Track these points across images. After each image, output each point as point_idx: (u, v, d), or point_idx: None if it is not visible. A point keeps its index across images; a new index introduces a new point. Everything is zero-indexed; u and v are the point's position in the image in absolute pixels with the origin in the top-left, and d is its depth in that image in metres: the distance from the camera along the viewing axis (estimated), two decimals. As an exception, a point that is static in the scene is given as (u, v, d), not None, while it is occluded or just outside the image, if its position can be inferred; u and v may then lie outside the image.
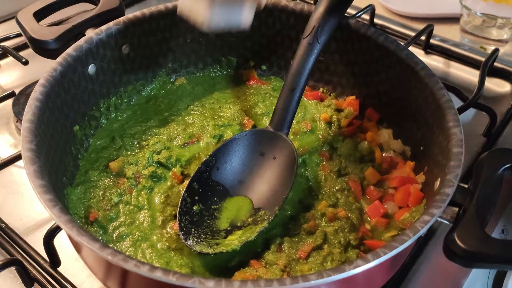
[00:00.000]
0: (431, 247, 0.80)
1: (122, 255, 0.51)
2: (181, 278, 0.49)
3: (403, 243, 0.52)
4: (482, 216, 0.53)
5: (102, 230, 0.72)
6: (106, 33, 0.80)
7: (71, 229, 0.53)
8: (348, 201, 0.75)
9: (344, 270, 0.50)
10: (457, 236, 0.52)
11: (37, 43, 0.79)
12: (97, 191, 0.76)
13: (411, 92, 0.78)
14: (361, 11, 1.21)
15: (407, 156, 0.81)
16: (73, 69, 0.76)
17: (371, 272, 0.54)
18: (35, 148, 0.61)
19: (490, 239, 0.52)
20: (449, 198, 0.57)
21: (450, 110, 0.68)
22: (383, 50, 0.82)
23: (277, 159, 0.78)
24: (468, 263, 0.52)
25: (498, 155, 0.60)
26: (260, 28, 0.94)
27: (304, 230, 0.71)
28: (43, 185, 0.57)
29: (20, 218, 0.84)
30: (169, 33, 0.90)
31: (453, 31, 1.29)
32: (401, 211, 0.73)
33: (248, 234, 0.69)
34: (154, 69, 0.92)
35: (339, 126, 0.87)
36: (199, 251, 0.67)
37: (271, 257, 0.68)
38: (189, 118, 0.89)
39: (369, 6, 1.23)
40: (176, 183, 0.78)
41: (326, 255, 0.67)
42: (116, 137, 0.84)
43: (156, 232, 0.72)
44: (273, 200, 0.74)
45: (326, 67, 0.93)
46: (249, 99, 0.93)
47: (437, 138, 0.70)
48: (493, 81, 1.13)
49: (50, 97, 0.69)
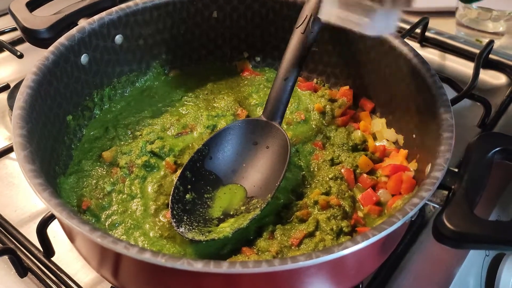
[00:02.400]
0: (424, 236, 0.80)
1: (111, 237, 0.51)
2: (170, 259, 0.49)
3: (392, 225, 0.52)
4: (471, 198, 0.53)
5: (94, 218, 0.72)
6: (98, 23, 0.80)
7: (61, 212, 0.53)
8: (341, 189, 0.75)
9: (333, 251, 0.50)
10: (445, 218, 0.52)
11: (29, 32, 0.79)
12: (90, 180, 0.76)
13: (404, 80, 0.78)
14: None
15: (400, 144, 0.81)
16: (65, 58, 0.76)
17: (361, 254, 0.54)
18: (26, 134, 0.61)
19: (479, 220, 0.52)
20: (438, 181, 0.56)
21: (441, 97, 0.68)
22: (376, 39, 0.82)
23: (270, 148, 0.78)
24: (457, 244, 0.52)
25: (489, 139, 0.60)
26: (254, 19, 0.94)
27: (296, 218, 0.71)
28: (33, 169, 0.57)
29: (15, 210, 0.84)
30: (162, 24, 0.90)
31: (449, 24, 1.29)
32: (393, 199, 0.73)
33: (240, 222, 0.69)
34: (148, 60, 0.92)
35: (332, 116, 0.87)
36: (191, 238, 0.67)
37: (263, 244, 0.68)
38: (183, 109, 0.89)
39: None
40: (169, 173, 0.78)
41: (318, 241, 0.67)
42: (109, 127, 0.84)
43: (148, 221, 0.72)
44: (266, 189, 0.74)
45: (320, 57, 0.93)
46: (243, 90, 0.94)
47: (429, 125, 0.70)
48: (488, 73, 1.13)
49: (42, 85, 0.69)
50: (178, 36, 0.93)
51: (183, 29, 0.93)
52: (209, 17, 0.93)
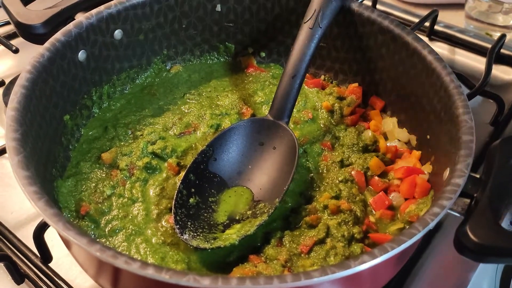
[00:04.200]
0: (438, 240, 0.77)
1: (111, 251, 0.48)
2: (174, 275, 0.46)
3: (412, 237, 0.49)
4: (496, 208, 0.50)
5: (93, 224, 0.69)
6: (97, 18, 0.77)
7: (57, 223, 0.49)
8: (352, 192, 0.72)
9: (350, 267, 0.47)
10: (469, 229, 0.49)
11: (23, 27, 0.75)
12: (88, 184, 0.73)
13: (418, 78, 0.75)
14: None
15: (413, 145, 0.78)
16: (62, 55, 0.72)
17: (377, 268, 0.51)
18: (20, 138, 0.58)
19: (505, 232, 0.49)
20: (460, 188, 0.53)
21: (459, 96, 0.65)
22: (388, 34, 0.78)
23: (277, 149, 0.75)
24: (481, 258, 0.48)
25: (511, 143, 0.57)
26: (259, 13, 0.90)
27: (305, 223, 0.69)
28: (28, 176, 0.54)
29: (11, 212, 0.82)
30: (163, 18, 0.86)
31: (457, 17, 1.26)
32: (406, 203, 0.71)
33: (247, 228, 0.66)
34: (149, 56, 0.89)
35: (341, 115, 0.84)
36: (196, 246, 0.64)
37: (271, 252, 0.65)
38: (185, 107, 0.86)
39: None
40: (172, 175, 0.75)
41: (329, 249, 0.64)
42: (109, 127, 0.81)
43: (150, 226, 0.69)
44: (273, 192, 0.71)
45: (328, 53, 0.89)
46: (248, 87, 0.90)
47: (445, 126, 0.67)
48: (499, 68, 1.10)
49: (37, 84, 0.66)
50: (180, 30, 0.90)
51: (185, 23, 0.89)
52: (212, 11, 0.90)
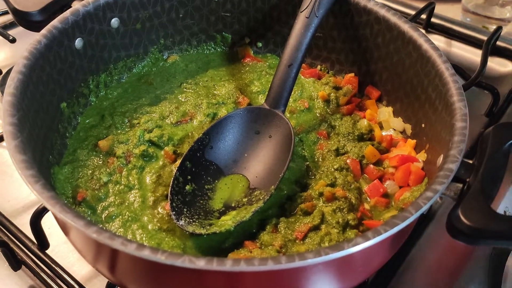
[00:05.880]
0: (432, 228, 0.78)
1: (108, 233, 0.48)
2: (170, 256, 0.46)
3: (405, 220, 0.49)
4: (488, 192, 0.51)
5: (90, 210, 0.69)
6: (93, 5, 0.77)
7: (54, 206, 0.50)
8: (347, 180, 0.72)
9: (343, 248, 0.47)
10: (461, 213, 0.49)
11: (21, 14, 0.75)
12: (85, 171, 0.73)
13: (413, 67, 0.75)
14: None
15: (408, 134, 0.79)
16: (58, 42, 0.72)
17: (371, 251, 0.51)
18: (17, 123, 0.58)
19: (496, 215, 0.49)
20: (453, 173, 0.54)
21: (454, 84, 0.65)
22: (385, 23, 0.79)
23: (273, 137, 0.76)
24: (474, 240, 0.49)
25: (504, 129, 0.58)
26: (256, 2, 0.90)
27: (301, 210, 0.69)
28: (24, 160, 0.54)
29: (8, 200, 0.82)
30: (160, 7, 0.86)
31: (454, 10, 1.26)
32: (401, 191, 0.71)
33: (242, 214, 0.67)
34: (146, 45, 0.89)
35: (337, 104, 0.84)
36: (192, 231, 0.65)
37: (267, 238, 0.65)
38: (182, 96, 0.86)
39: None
40: (168, 163, 0.75)
41: (324, 235, 0.65)
42: (106, 115, 0.81)
43: (147, 213, 0.69)
44: (269, 180, 0.71)
45: (324, 43, 0.90)
46: (244, 77, 0.90)
47: (440, 114, 0.67)
48: (495, 60, 1.10)
49: (34, 70, 0.66)
50: (177, 20, 0.90)
51: (182, 13, 0.89)
52: (209, 0, 0.90)
